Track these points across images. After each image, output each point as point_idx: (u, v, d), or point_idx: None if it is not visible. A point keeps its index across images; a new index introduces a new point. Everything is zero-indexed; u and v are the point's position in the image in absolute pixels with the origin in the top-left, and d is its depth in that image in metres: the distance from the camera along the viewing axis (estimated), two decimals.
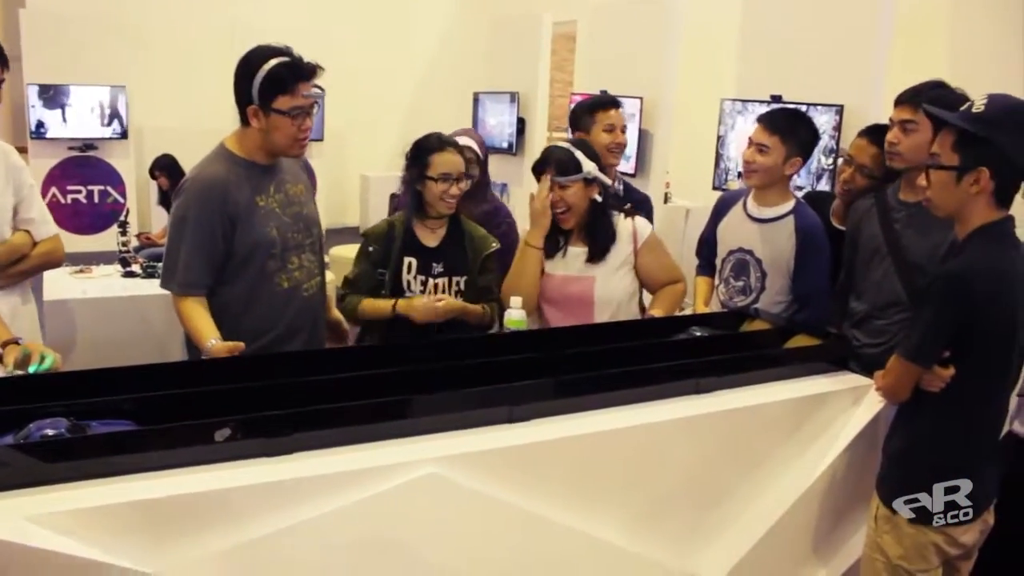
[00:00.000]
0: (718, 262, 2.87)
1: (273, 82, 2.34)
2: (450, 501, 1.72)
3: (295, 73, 2.35)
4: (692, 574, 2.03)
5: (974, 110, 1.92)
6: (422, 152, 2.63)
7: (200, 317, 2.36)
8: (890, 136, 2.53)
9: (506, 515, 1.77)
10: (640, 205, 3.12)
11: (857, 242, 2.64)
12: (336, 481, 1.61)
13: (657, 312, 2.70)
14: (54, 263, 2.70)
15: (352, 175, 9.25)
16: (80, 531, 1.41)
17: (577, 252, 2.69)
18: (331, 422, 1.71)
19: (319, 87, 2.45)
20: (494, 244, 2.75)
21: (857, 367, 2.33)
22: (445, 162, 2.60)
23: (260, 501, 1.56)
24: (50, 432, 1.57)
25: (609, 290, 2.66)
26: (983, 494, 2.10)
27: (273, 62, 2.34)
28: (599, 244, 2.67)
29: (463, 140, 3.13)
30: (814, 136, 2.74)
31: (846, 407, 2.24)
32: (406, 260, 2.65)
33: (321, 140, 7.87)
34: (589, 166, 2.61)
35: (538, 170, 2.65)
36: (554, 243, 2.70)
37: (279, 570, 1.58)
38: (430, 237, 2.69)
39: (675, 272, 2.80)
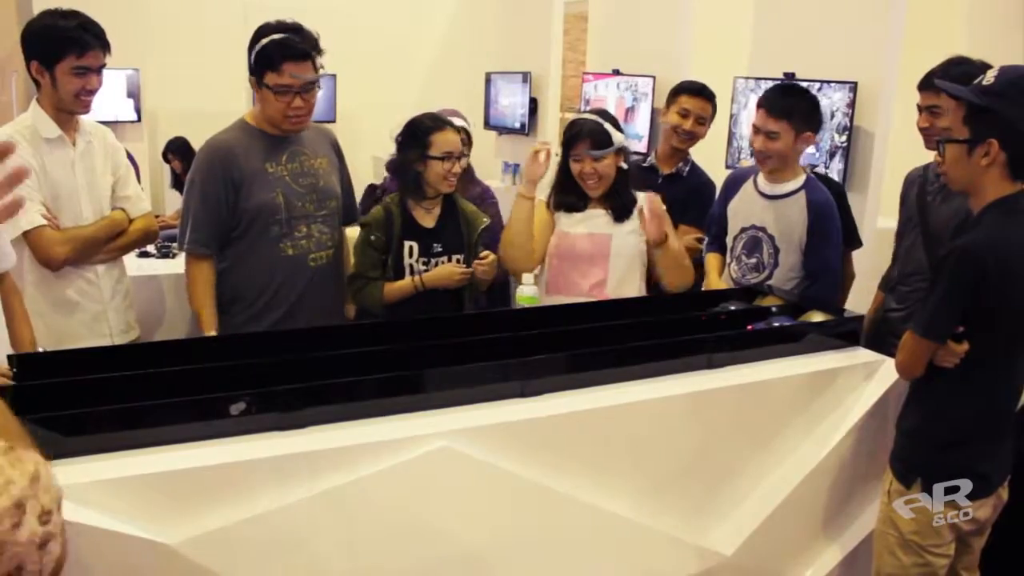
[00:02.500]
0: (729, 240, 2.87)
1: (262, 58, 2.45)
2: (463, 474, 1.73)
3: (282, 52, 2.43)
4: (703, 548, 2.04)
5: (984, 83, 1.91)
6: (420, 132, 2.63)
7: (203, 295, 2.51)
8: (920, 122, 2.59)
9: (519, 489, 1.78)
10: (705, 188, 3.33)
11: (901, 209, 2.73)
12: (350, 454, 1.63)
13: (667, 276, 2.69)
14: (150, 239, 2.84)
15: (364, 157, 9.22)
16: (99, 503, 1.44)
17: (597, 213, 2.68)
18: (344, 396, 1.73)
19: (319, 67, 2.48)
20: (484, 220, 2.78)
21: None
22: (446, 141, 2.61)
23: (275, 474, 1.58)
24: None
25: (623, 245, 2.65)
26: (997, 470, 2.09)
27: (268, 39, 2.44)
28: (622, 206, 2.66)
29: (456, 121, 3.12)
30: (815, 106, 2.73)
31: (858, 383, 2.24)
32: (407, 244, 2.65)
33: (333, 121, 7.87)
34: (618, 137, 2.61)
35: (569, 144, 2.63)
36: (574, 204, 2.69)
37: (294, 542, 1.60)
38: (427, 218, 2.69)
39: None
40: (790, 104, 2.66)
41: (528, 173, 2.65)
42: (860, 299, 3.07)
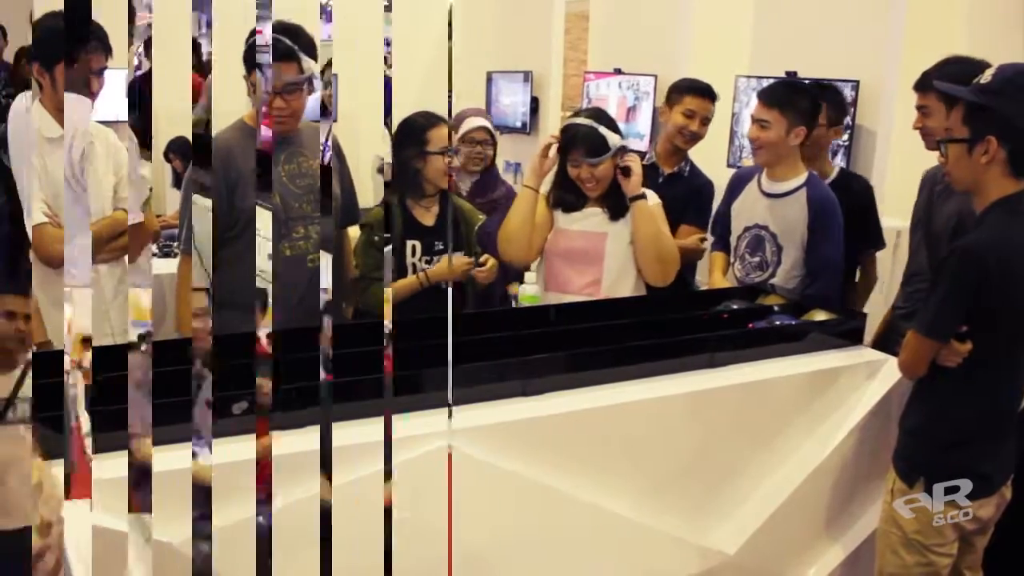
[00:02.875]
0: (733, 239, 2.86)
1: (246, 57, 2.45)
2: (463, 474, 1.72)
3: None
4: (705, 547, 2.04)
5: (982, 81, 1.92)
6: (416, 130, 2.63)
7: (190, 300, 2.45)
8: (915, 122, 2.59)
9: (520, 488, 1.78)
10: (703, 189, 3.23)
11: (914, 209, 2.74)
12: (351, 454, 1.62)
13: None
14: (151, 239, 2.83)
15: (365, 157, 9.22)
16: (99, 502, 1.42)
17: (594, 212, 2.66)
18: (344, 396, 1.72)
19: (306, 68, 2.43)
20: (480, 216, 2.79)
21: None
22: (442, 136, 2.62)
23: (275, 474, 1.57)
24: None
25: (618, 245, 2.64)
26: (1000, 470, 2.09)
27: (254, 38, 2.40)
28: (619, 204, 2.64)
29: (477, 119, 3.12)
30: (814, 104, 2.72)
31: (860, 382, 2.23)
32: (409, 243, 2.65)
33: (335, 122, 7.88)
34: (614, 139, 2.57)
35: (565, 148, 2.60)
36: (572, 203, 2.67)
37: (295, 541, 1.60)
38: (427, 216, 2.69)
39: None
40: (785, 96, 2.66)
41: (536, 167, 2.64)
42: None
